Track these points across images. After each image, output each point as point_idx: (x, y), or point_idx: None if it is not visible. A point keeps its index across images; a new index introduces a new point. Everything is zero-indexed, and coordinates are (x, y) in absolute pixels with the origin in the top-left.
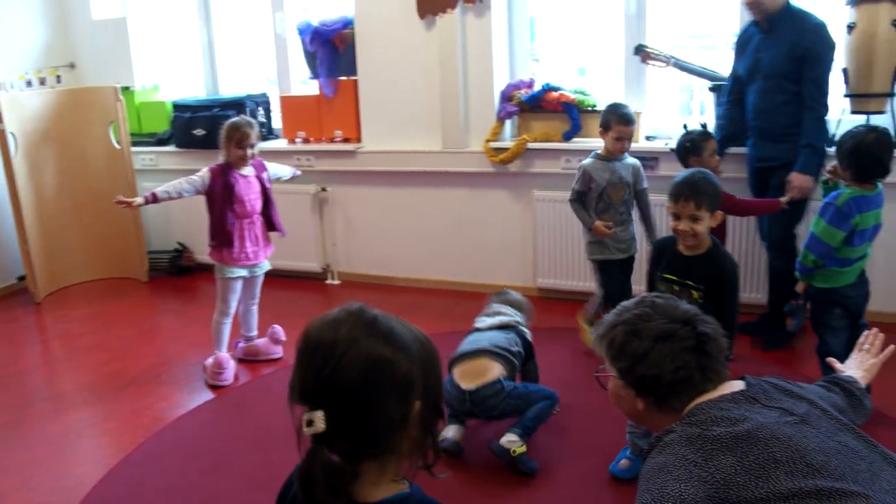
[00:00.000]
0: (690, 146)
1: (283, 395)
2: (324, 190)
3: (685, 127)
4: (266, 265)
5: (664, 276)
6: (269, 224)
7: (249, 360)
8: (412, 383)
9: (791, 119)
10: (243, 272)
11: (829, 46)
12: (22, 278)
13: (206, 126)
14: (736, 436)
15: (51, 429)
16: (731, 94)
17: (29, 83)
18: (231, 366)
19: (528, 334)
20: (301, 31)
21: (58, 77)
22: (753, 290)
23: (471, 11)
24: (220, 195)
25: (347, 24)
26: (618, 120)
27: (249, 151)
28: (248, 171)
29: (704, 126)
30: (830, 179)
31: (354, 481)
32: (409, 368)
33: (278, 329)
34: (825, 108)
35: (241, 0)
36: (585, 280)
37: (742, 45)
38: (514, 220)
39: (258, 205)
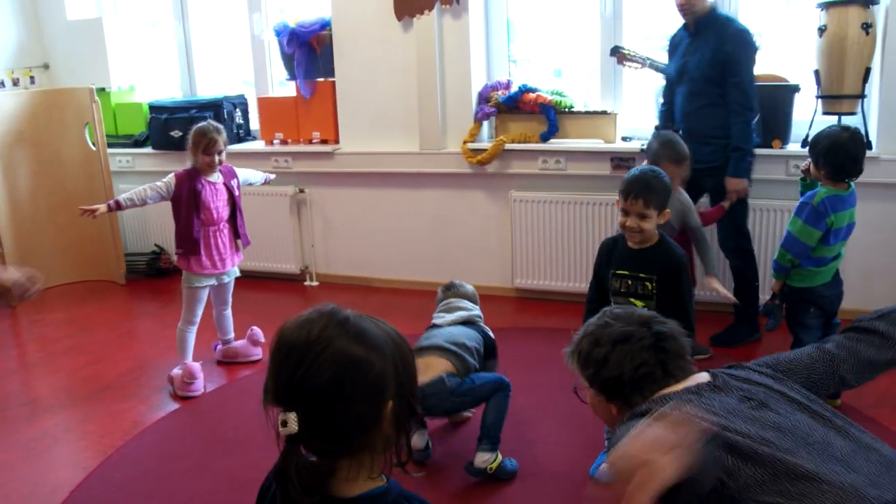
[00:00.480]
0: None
1: (261, 398)
2: (301, 191)
3: (656, 128)
4: (235, 272)
5: (616, 272)
6: (235, 232)
7: (228, 361)
8: (385, 383)
9: (714, 122)
10: (211, 281)
11: (751, 52)
12: None
13: (182, 128)
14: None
15: (27, 433)
16: (665, 95)
17: (2, 84)
18: (201, 376)
19: (490, 331)
20: (278, 33)
21: (31, 78)
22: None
23: (448, 13)
24: (186, 202)
25: (325, 25)
26: (670, 158)
27: (217, 158)
28: (216, 177)
29: (677, 129)
30: (808, 177)
31: (330, 478)
32: (382, 368)
33: (257, 331)
34: (751, 112)
35: (217, 1)
36: (562, 280)
37: (673, 47)
38: (492, 220)
39: (225, 213)
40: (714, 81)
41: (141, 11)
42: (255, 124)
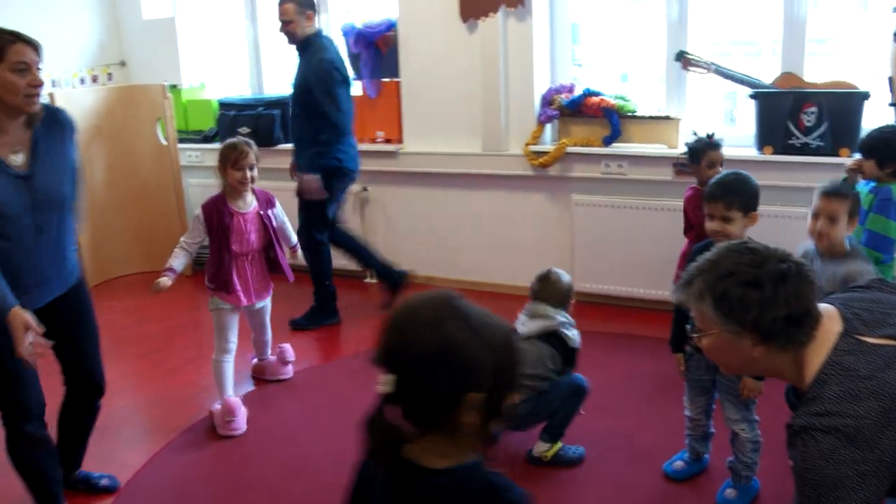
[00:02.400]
0: (690, 153)
1: (320, 393)
2: (365, 190)
3: (694, 133)
4: (266, 303)
5: None
6: (273, 264)
7: (257, 377)
8: (479, 373)
9: (307, 134)
10: (235, 306)
11: (331, 76)
12: None
13: (250, 124)
14: (884, 410)
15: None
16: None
17: (82, 81)
18: (242, 412)
19: (573, 338)
20: (345, 33)
21: (109, 75)
22: None
23: (513, 15)
24: (216, 236)
25: (391, 26)
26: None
27: (248, 173)
28: (247, 204)
29: (711, 135)
30: (853, 177)
31: (419, 445)
32: (481, 359)
33: (287, 349)
34: (338, 128)
35: None
36: (622, 284)
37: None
38: (552, 223)
39: (257, 243)
40: (306, 96)
41: (213, 11)
42: None
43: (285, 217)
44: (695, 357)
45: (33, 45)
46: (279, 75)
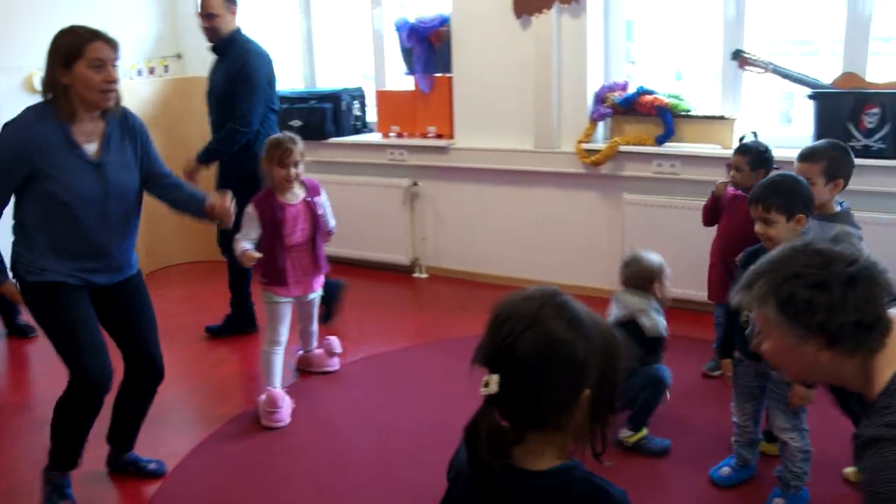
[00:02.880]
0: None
1: (365, 386)
2: (415, 184)
3: (740, 139)
4: (316, 295)
5: None
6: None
7: (303, 369)
8: (586, 370)
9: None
10: (291, 298)
11: (254, 74)
12: None
13: (302, 117)
14: None
15: None
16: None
17: (139, 72)
18: (287, 403)
19: (649, 327)
20: (398, 28)
21: (165, 67)
22: None
23: (567, 12)
24: (269, 230)
25: (444, 21)
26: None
27: (293, 171)
28: (295, 196)
29: (755, 134)
30: None
31: (517, 447)
32: (587, 356)
33: (334, 340)
34: (244, 126)
35: None
36: (672, 286)
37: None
38: (603, 222)
39: (308, 233)
40: (228, 96)
41: (267, 5)
42: (372, 117)
43: (328, 205)
44: (743, 363)
45: (111, 43)
46: (332, 69)
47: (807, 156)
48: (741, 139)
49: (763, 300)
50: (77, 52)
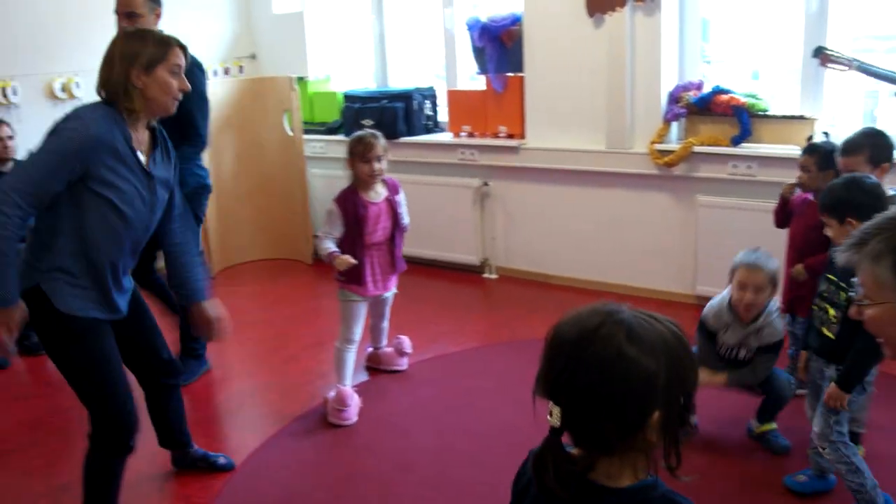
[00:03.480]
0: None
1: (434, 386)
2: (486, 184)
3: (808, 138)
4: (393, 290)
5: (827, 276)
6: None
7: (372, 367)
8: (654, 390)
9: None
10: (368, 298)
11: (203, 83)
12: (199, 253)
13: (374, 117)
14: None
15: (218, 395)
16: None
17: (215, 73)
18: (355, 402)
19: (773, 329)
20: (470, 27)
21: (240, 67)
22: None
23: (640, 10)
24: (350, 228)
25: (516, 20)
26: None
27: (377, 165)
28: (377, 194)
29: (826, 134)
30: None
31: (589, 473)
32: (653, 374)
33: (404, 340)
34: (203, 140)
35: None
36: None
37: None
38: (675, 224)
39: (389, 231)
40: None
41: (340, 5)
42: (443, 116)
43: (405, 203)
44: (812, 360)
45: (185, 52)
46: (404, 69)
47: (847, 150)
48: (809, 139)
49: (876, 259)
50: (162, 56)
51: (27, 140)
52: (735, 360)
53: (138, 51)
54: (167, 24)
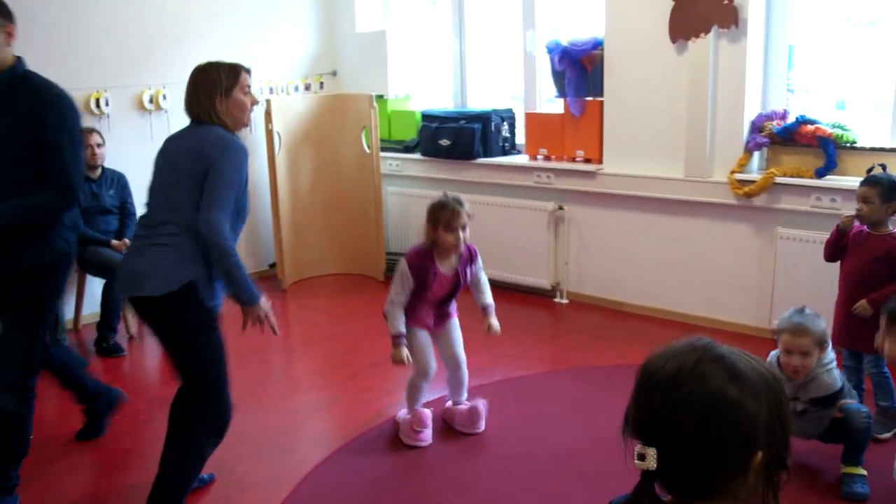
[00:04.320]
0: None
1: (503, 408)
2: (560, 208)
3: (868, 170)
4: (451, 325)
5: None
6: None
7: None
8: (756, 431)
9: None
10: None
11: (74, 124)
12: (272, 266)
13: (451, 137)
14: None
15: (283, 406)
16: None
17: (296, 88)
18: (431, 424)
19: (820, 383)
20: (550, 50)
21: (321, 83)
22: None
23: (725, 36)
24: (417, 287)
25: (597, 44)
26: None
27: (462, 234)
28: (451, 266)
29: (883, 167)
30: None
31: None
32: (755, 414)
33: (481, 404)
34: (74, 192)
35: (494, 17)
36: (830, 328)
37: None
38: (753, 256)
39: (448, 294)
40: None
41: (422, 25)
42: (520, 138)
43: (482, 273)
44: None
45: (249, 72)
46: (483, 90)
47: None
48: (869, 170)
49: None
50: (235, 81)
51: (115, 149)
52: (795, 413)
53: (218, 80)
54: (254, 41)
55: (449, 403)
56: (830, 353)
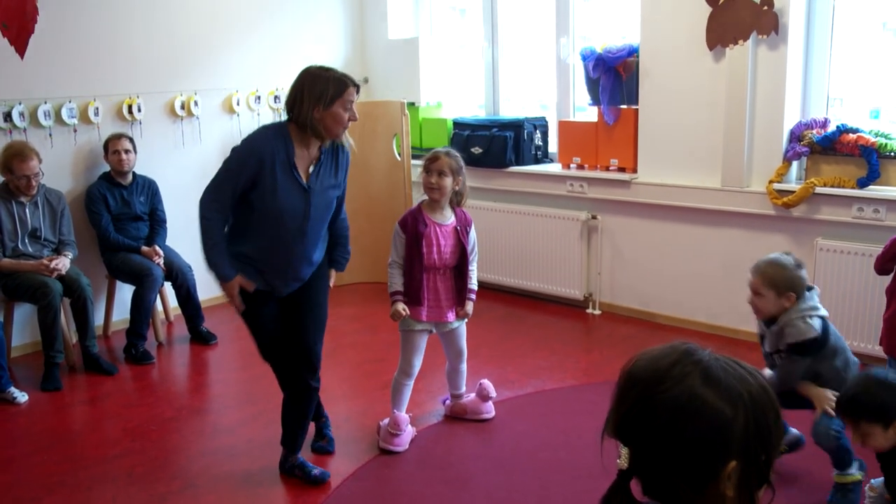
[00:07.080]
0: None
1: (535, 421)
2: (594, 218)
3: None
4: (457, 324)
5: None
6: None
7: (457, 418)
8: (729, 438)
9: None
10: (427, 326)
11: None
12: None
13: (483, 145)
14: None
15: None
16: None
17: None
18: (409, 430)
19: (794, 329)
20: (584, 57)
21: None
22: None
23: (764, 44)
24: (411, 243)
25: (632, 52)
26: None
27: (435, 179)
28: (444, 217)
29: None
30: None
31: None
32: (729, 420)
33: (487, 385)
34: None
35: (527, 25)
36: (867, 341)
37: None
38: None
39: (451, 259)
40: None
41: (454, 32)
42: (553, 147)
43: (475, 253)
44: None
45: (358, 88)
46: (515, 98)
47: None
48: None
49: None
50: (339, 95)
51: (147, 156)
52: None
53: (325, 90)
54: (286, 48)
55: (449, 401)
56: (811, 302)
